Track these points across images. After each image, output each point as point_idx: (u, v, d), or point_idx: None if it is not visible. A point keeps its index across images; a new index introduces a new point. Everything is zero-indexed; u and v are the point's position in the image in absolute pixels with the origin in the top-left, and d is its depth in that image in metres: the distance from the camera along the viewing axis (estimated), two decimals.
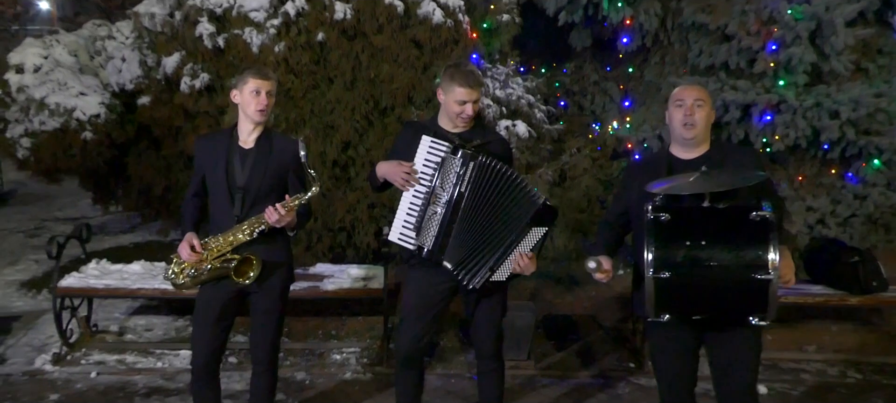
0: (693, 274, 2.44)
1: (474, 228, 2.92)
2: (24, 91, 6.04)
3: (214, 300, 3.08)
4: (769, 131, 5.23)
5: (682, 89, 2.83)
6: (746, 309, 2.42)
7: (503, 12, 5.41)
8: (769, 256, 2.32)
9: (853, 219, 5.53)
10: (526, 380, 4.34)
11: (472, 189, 2.90)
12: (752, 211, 2.39)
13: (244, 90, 3.03)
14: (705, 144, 2.81)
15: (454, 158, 2.92)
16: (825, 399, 4.16)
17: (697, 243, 2.42)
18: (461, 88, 2.98)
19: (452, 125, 3.07)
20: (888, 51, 5.85)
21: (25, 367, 4.51)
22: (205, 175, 3.11)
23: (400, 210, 3.03)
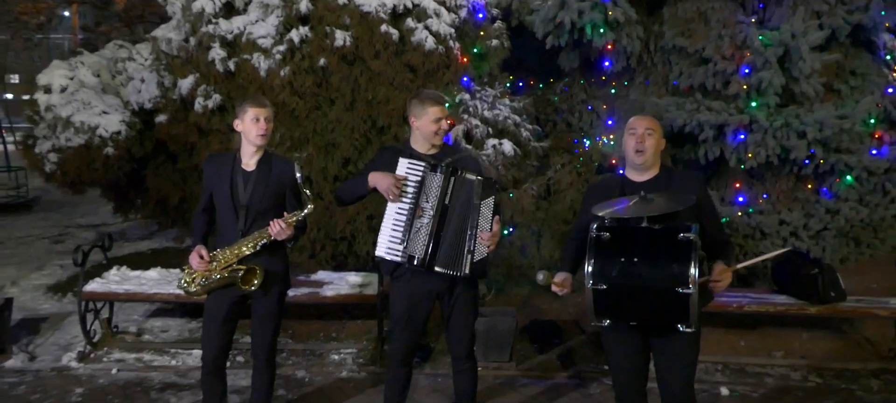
0: (625, 285, 2.80)
1: (455, 231, 3.32)
2: (51, 110, 6.53)
3: (221, 303, 3.50)
4: (742, 149, 5.56)
5: (636, 119, 3.20)
6: (673, 318, 2.76)
7: (492, 38, 5.81)
8: (690, 272, 2.66)
9: (825, 232, 5.84)
10: (506, 380, 4.71)
11: (453, 199, 3.30)
12: (680, 232, 2.75)
13: (245, 119, 3.44)
14: (655, 169, 3.17)
15: (434, 175, 3.32)
16: (781, 400, 4.49)
17: (631, 259, 2.79)
18: (434, 107, 3.39)
19: (428, 146, 3.46)
20: (861, 72, 6.17)
21: (53, 364, 4.96)
22: (212, 192, 3.54)
23: (384, 227, 3.38)
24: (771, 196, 6.08)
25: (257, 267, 3.40)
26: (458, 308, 3.50)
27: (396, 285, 3.51)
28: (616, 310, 2.86)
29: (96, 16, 32.10)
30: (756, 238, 5.77)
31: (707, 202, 3.19)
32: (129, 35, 25.40)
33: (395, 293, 3.53)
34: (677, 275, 2.70)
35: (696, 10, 6.05)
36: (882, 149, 5.80)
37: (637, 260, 2.79)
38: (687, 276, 2.68)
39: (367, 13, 5.38)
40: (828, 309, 4.88)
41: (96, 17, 32.16)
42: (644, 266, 2.78)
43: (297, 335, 5.54)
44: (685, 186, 3.12)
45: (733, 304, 4.98)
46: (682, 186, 3.11)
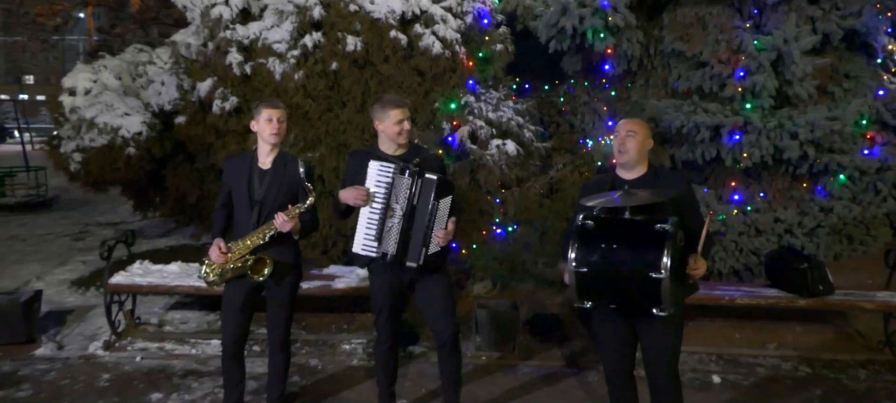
0: (605, 269, 3.04)
1: (420, 228, 3.58)
2: (76, 111, 6.82)
3: (238, 293, 3.77)
4: (737, 149, 5.78)
5: (621, 122, 3.44)
6: (648, 301, 2.99)
7: (497, 42, 6.05)
8: (662, 260, 2.89)
9: (819, 230, 6.04)
10: (509, 368, 4.95)
11: (420, 200, 3.56)
12: (656, 224, 2.99)
13: (260, 119, 3.72)
14: (642, 167, 3.39)
15: (403, 178, 3.58)
16: (770, 389, 4.70)
17: (610, 246, 3.03)
18: (395, 110, 3.66)
19: (394, 147, 3.71)
20: (855, 75, 6.37)
21: (80, 352, 5.25)
22: (231, 189, 3.80)
23: (359, 225, 3.67)
24: (767, 194, 6.29)
25: (267, 257, 3.66)
26: (434, 293, 3.76)
27: (373, 278, 3.80)
28: (596, 292, 3.11)
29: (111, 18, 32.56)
30: (751, 235, 5.98)
31: (690, 199, 3.39)
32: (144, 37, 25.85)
33: (374, 285, 3.81)
34: (651, 261, 2.91)
35: (694, 15, 6.27)
36: (874, 150, 6.00)
37: (616, 247, 3.03)
38: (659, 262, 2.89)
39: (376, 19, 5.64)
40: (816, 301, 5.09)
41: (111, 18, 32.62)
42: (622, 252, 3.02)
43: (310, 326, 5.81)
44: (669, 184, 3.33)
45: (726, 297, 5.20)
46: (666, 183, 3.33)
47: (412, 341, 5.34)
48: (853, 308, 5.30)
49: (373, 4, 5.65)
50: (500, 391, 4.57)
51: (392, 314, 3.81)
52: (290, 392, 4.44)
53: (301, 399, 4.46)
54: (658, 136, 6.12)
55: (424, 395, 4.45)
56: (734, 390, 4.69)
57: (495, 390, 4.58)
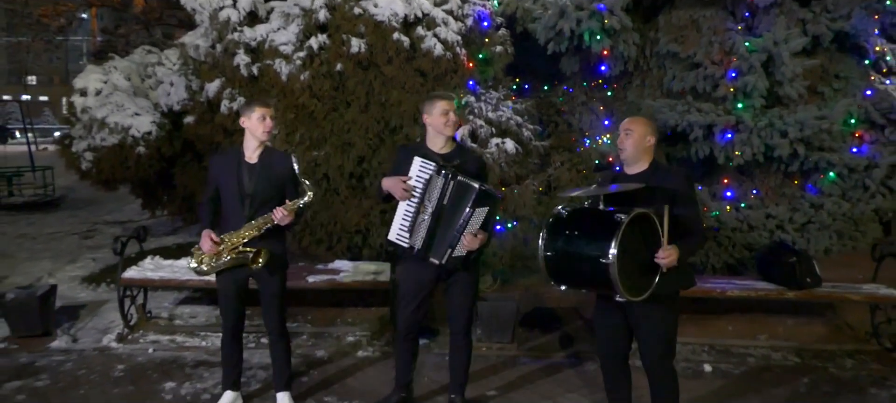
0: (566, 254, 3.24)
1: (447, 228, 3.75)
2: (87, 111, 7.03)
3: (232, 283, 3.99)
4: (729, 148, 5.96)
5: (624, 121, 3.61)
6: (605, 287, 3.14)
7: (497, 44, 6.24)
8: (610, 247, 3.02)
9: (809, 226, 6.22)
10: (508, 359, 5.13)
11: (449, 201, 3.74)
12: (617, 213, 3.14)
13: (252, 117, 3.90)
14: (643, 163, 3.53)
15: (438, 178, 3.75)
16: (759, 377, 4.88)
17: (573, 233, 3.23)
18: (441, 101, 3.85)
19: (441, 140, 3.89)
20: (845, 76, 6.55)
21: (94, 345, 5.44)
22: (218, 185, 3.97)
23: (397, 215, 3.85)
24: (760, 191, 6.47)
25: (264, 249, 3.85)
26: (457, 286, 3.94)
27: (404, 266, 3.98)
28: (563, 275, 3.31)
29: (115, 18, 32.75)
30: (744, 231, 6.16)
31: (686, 194, 3.47)
32: (148, 37, 26.02)
33: (403, 273, 4.00)
34: (601, 248, 3.07)
35: (688, 17, 6.45)
36: (862, 148, 6.17)
37: (577, 234, 3.23)
38: (608, 249, 3.04)
39: (380, 22, 5.82)
40: (804, 294, 5.28)
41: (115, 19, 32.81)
42: (581, 238, 3.21)
43: (316, 320, 6.00)
44: (667, 178, 3.48)
45: (718, 289, 5.39)
46: (664, 178, 3.47)
47: (430, 333, 5.52)
48: (840, 299, 5.49)
49: (376, 8, 5.83)
50: (500, 380, 4.75)
51: (418, 306, 3.99)
52: (296, 379, 4.64)
53: (308, 387, 4.64)
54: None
55: (428, 385, 4.62)
56: (725, 378, 4.87)
57: (495, 379, 4.77)
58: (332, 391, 4.57)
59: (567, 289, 3.42)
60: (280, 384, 4.20)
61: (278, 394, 4.19)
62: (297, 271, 5.85)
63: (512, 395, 4.51)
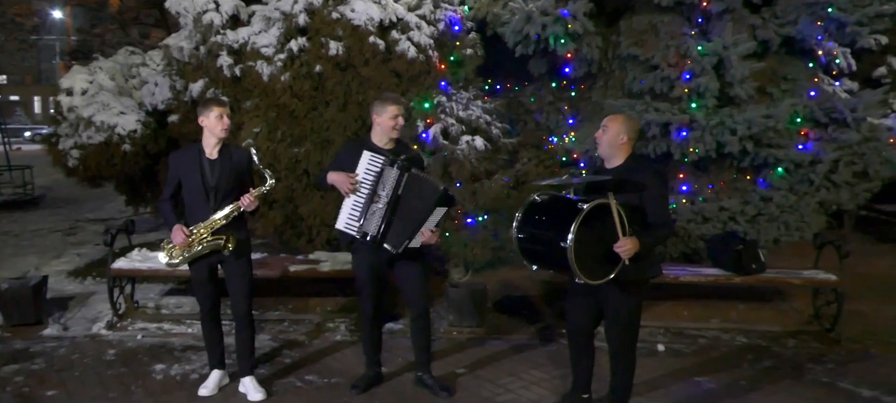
0: (534, 236, 3.62)
1: (404, 218, 4.11)
2: (73, 110, 7.30)
3: (203, 269, 4.31)
4: (685, 145, 6.38)
5: (605, 119, 3.93)
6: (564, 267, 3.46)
7: (468, 47, 6.62)
8: (568, 232, 3.35)
9: (760, 217, 6.65)
10: (477, 340, 5.51)
11: (405, 192, 4.09)
12: (581, 202, 3.49)
13: (210, 116, 4.19)
14: (620, 157, 3.81)
15: (392, 169, 4.10)
16: (708, 355, 5.31)
17: (541, 218, 3.61)
18: (393, 106, 4.21)
19: (386, 139, 4.24)
20: (792, 77, 7.00)
21: (85, 332, 5.71)
22: (180, 181, 4.26)
23: (345, 206, 4.19)
24: (714, 186, 6.90)
25: (232, 235, 4.18)
26: (410, 272, 4.32)
27: (356, 256, 4.35)
28: (534, 256, 3.67)
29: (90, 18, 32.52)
30: (699, 222, 6.59)
31: (654, 188, 3.73)
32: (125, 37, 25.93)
33: (357, 263, 4.36)
34: (560, 234, 3.40)
35: (647, 23, 6.86)
36: (808, 145, 6.62)
37: (545, 219, 3.61)
38: (565, 235, 3.37)
39: (357, 26, 6.16)
40: (750, 279, 5.73)
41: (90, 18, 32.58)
42: (548, 223, 3.58)
43: (297, 309, 6.32)
44: (637, 172, 3.75)
45: (672, 275, 5.82)
46: (635, 172, 3.74)
47: (393, 319, 5.88)
48: (782, 283, 5.96)
49: (353, 12, 6.17)
50: (468, 359, 5.12)
51: (374, 290, 4.35)
52: (277, 359, 4.97)
53: (289, 366, 4.97)
54: None
55: (401, 365, 4.96)
56: (677, 357, 5.29)
57: (466, 359, 5.13)
58: (313, 370, 4.91)
59: (538, 269, 3.79)
60: (245, 369, 4.47)
61: (243, 379, 4.46)
62: (278, 261, 6.18)
63: (479, 371, 4.89)
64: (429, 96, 6.37)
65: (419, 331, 4.45)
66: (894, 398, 4.49)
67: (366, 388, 4.49)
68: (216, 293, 4.41)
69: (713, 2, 6.48)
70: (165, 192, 4.33)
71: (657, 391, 4.57)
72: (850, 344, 5.53)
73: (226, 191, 4.21)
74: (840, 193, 6.70)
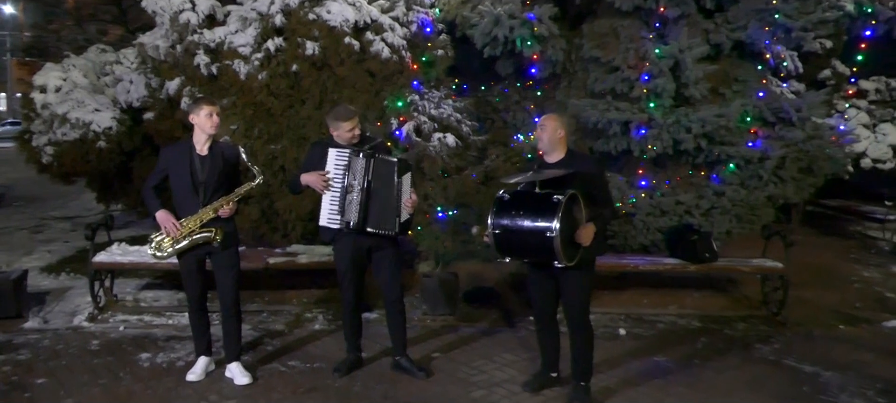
0: (513, 230, 3.92)
1: (379, 200, 4.39)
2: (47, 107, 7.35)
3: (190, 260, 4.51)
4: (643, 142, 6.76)
5: (541, 118, 4.31)
6: (547, 256, 3.85)
7: (439, 48, 6.90)
8: (554, 223, 3.74)
9: (713, 211, 7.07)
10: (450, 327, 5.80)
11: (374, 176, 4.37)
12: (553, 196, 3.85)
13: (200, 114, 4.41)
14: (559, 152, 4.24)
15: (358, 159, 4.38)
16: (665, 338, 5.69)
17: (518, 213, 3.92)
18: (346, 123, 4.47)
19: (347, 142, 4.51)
20: (743, 79, 7.45)
21: (67, 325, 5.83)
22: (169, 174, 4.45)
23: (324, 203, 4.48)
24: (672, 181, 7.31)
25: (218, 227, 4.39)
26: (385, 261, 4.60)
27: (337, 247, 4.61)
28: (510, 248, 4.00)
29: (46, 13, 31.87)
30: (657, 215, 6.97)
31: (597, 178, 4.24)
32: (81, 33, 25.57)
33: (338, 253, 4.62)
34: (546, 224, 3.78)
35: (609, 26, 7.22)
36: (757, 142, 7.06)
37: (522, 213, 3.92)
38: (552, 225, 3.75)
39: (333, 27, 6.39)
40: (703, 267, 6.14)
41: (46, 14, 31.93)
42: (525, 217, 3.90)
43: (275, 301, 6.52)
44: (582, 164, 4.19)
45: (632, 264, 6.19)
46: (579, 164, 4.18)
47: (367, 309, 6.12)
48: (733, 271, 6.40)
49: (329, 14, 6.39)
50: (442, 344, 5.41)
51: (354, 279, 4.61)
52: (260, 347, 5.19)
53: (272, 353, 5.19)
54: (579, 131, 7.07)
55: (379, 351, 5.22)
56: (636, 340, 5.65)
57: (441, 345, 5.41)
58: (295, 356, 5.14)
59: (511, 260, 4.11)
60: (231, 355, 4.67)
61: (229, 364, 4.66)
62: (258, 254, 6.38)
63: (453, 354, 5.18)
64: (402, 95, 6.63)
65: (395, 318, 4.72)
66: (832, 372, 4.92)
67: (348, 371, 4.75)
68: (204, 284, 4.60)
69: (670, 7, 6.86)
70: (150, 180, 4.51)
71: (617, 369, 4.91)
72: (795, 327, 5.98)
73: (215, 186, 4.41)
74: (787, 188, 7.17)
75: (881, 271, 8.04)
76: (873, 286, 7.47)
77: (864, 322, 6.28)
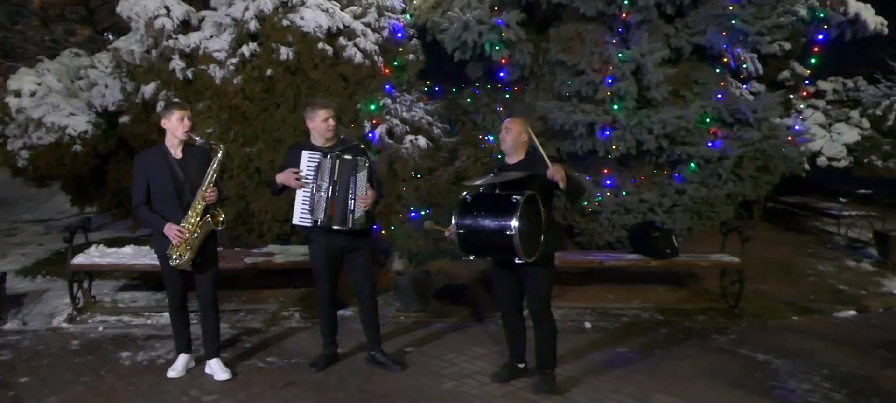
0: (475, 230, 4.15)
1: (342, 198, 4.58)
2: (22, 112, 7.42)
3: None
4: (608, 143, 7.04)
5: (505, 121, 4.54)
6: (508, 253, 4.08)
7: (410, 53, 7.12)
8: (513, 221, 3.97)
9: (675, 208, 7.38)
10: (422, 323, 6.01)
11: (339, 176, 4.57)
12: (513, 196, 4.08)
13: (172, 119, 4.55)
14: (520, 154, 4.50)
15: (325, 161, 4.59)
16: (629, 331, 5.95)
17: (480, 213, 4.15)
18: (322, 110, 4.69)
19: (323, 140, 4.72)
20: (703, 81, 7.76)
21: (46, 326, 5.94)
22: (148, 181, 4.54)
23: (296, 203, 4.67)
24: (636, 180, 7.60)
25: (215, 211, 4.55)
26: (358, 260, 4.80)
27: (312, 245, 4.80)
28: (473, 247, 4.23)
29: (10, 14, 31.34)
30: (621, 213, 7.26)
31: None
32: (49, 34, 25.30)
33: (313, 251, 4.82)
34: (505, 223, 4.01)
35: (574, 31, 7.49)
36: (716, 142, 7.38)
37: (483, 213, 4.15)
38: (511, 223, 3.98)
39: (306, 33, 6.56)
40: (664, 262, 6.43)
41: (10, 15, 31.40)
42: (487, 217, 4.13)
43: (252, 300, 6.67)
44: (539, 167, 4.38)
45: (597, 261, 6.46)
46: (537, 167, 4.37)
47: (341, 307, 6.31)
48: (693, 266, 6.70)
49: (303, 20, 6.56)
50: (415, 338, 5.62)
51: (329, 276, 4.80)
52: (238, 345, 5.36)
53: (250, 350, 5.35)
54: (546, 132, 7.33)
55: (354, 346, 5.40)
56: (601, 332, 5.91)
57: (413, 339, 5.62)
58: (273, 352, 5.31)
59: (475, 258, 4.34)
60: (211, 352, 4.82)
61: (209, 361, 4.81)
62: (235, 255, 6.53)
63: (425, 348, 5.39)
64: (374, 99, 6.82)
65: (368, 313, 4.93)
66: (783, 360, 5.21)
67: (325, 366, 4.93)
68: (185, 284, 4.75)
69: (632, 13, 7.14)
70: (137, 197, 4.55)
71: (582, 360, 5.16)
72: (751, 318, 6.30)
73: (194, 185, 4.56)
74: (745, 186, 7.51)
75: (835, 265, 8.41)
76: (827, 279, 7.83)
77: (817, 312, 6.62)
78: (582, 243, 7.44)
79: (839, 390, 4.66)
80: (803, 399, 4.53)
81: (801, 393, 4.62)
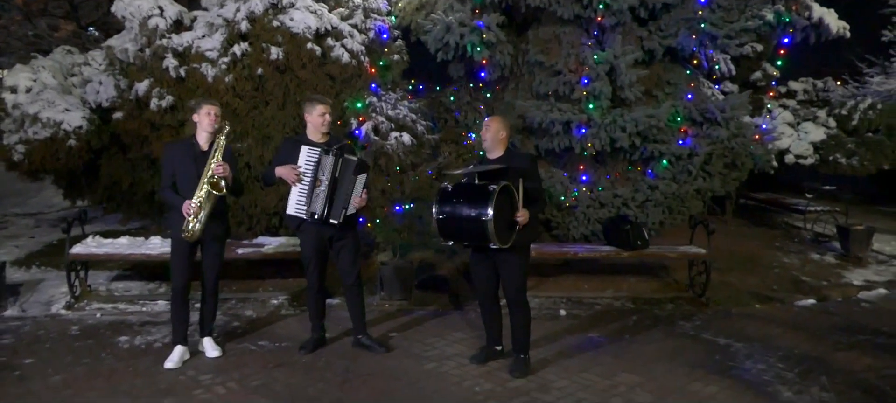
0: (453, 216, 4.48)
1: (340, 194, 4.89)
2: (18, 107, 7.62)
3: (183, 245, 4.91)
4: (583, 140, 7.39)
5: (486, 119, 4.88)
6: (483, 239, 4.40)
7: (395, 53, 7.43)
8: (488, 209, 4.29)
9: (647, 203, 7.74)
10: (405, 310, 6.33)
11: (340, 174, 4.87)
12: (489, 186, 4.41)
13: (201, 113, 4.92)
14: (500, 150, 4.83)
15: (328, 157, 4.88)
16: (601, 318, 6.31)
17: (458, 201, 4.47)
18: (320, 105, 5.00)
19: (319, 135, 5.02)
20: (674, 82, 8.14)
21: (45, 313, 6.19)
22: (174, 169, 4.90)
23: (292, 194, 4.98)
24: (610, 176, 7.96)
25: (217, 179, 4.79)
26: (345, 249, 5.11)
27: (302, 235, 5.11)
28: (451, 233, 4.57)
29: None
30: (596, 207, 7.61)
31: (532, 172, 4.82)
32: (32, 29, 25.31)
33: (303, 241, 5.13)
34: (480, 210, 4.34)
35: (552, 33, 7.84)
36: (686, 140, 7.75)
37: (461, 201, 4.48)
38: (486, 210, 4.31)
39: (295, 33, 6.85)
40: (635, 254, 6.80)
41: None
42: (464, 205, 4.46)
43: (243, 289, 6.95)
44: (518, 161, 4.80)
45: (572, 252, 6.81)
46: (516, 161, 4.78)
47: (329, 296, 6.61)
48: (662, 257, 7.06)
49: (292, 21, 6.85)
50: (398, 325, 5.93)
51: (318, 264, 5.11)
52: (230, 331, 5.66)
53: (242, 335, 5.64)
54: (525, 130, 7.67)
55: (341, 332, 5.70)
56: (575, 320, 6.26)
57: (397, 325, 5.94)
58: (264, 336, 5.61)
59: (453, 244, 4.66)
60: (205, 331, 5.18)
61: (203, 339, 5.17)
62: (227, 246, 6.77)
63: (408, 333, 5.72)
64: (361, 97, 7.13)
65: (353, 299, 5.24)
66: (742, 344, 5.58)
67: (313, 349, 5.24)
68: (191, 272, 5.02)
69: (607, 16, 7.49)
70: (165, 182, 4.93)
71: (555, 343, 5.50)
72: (716, 306, 6.69)
73: None
74: (714, 182, 7.89)
75: (800, 257, 8.84)
76: (791, 271, 8.25)
77: (778, 301, 7.02)
78: (558, 236, 7.79)
79: (792, 369, 5.03)
80: (758, 378, 4.89)
81: (756, 372, 4.99)
